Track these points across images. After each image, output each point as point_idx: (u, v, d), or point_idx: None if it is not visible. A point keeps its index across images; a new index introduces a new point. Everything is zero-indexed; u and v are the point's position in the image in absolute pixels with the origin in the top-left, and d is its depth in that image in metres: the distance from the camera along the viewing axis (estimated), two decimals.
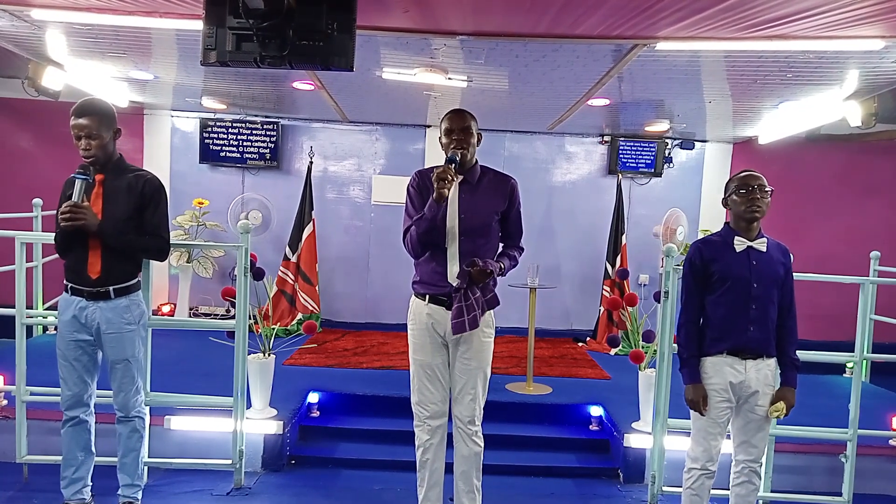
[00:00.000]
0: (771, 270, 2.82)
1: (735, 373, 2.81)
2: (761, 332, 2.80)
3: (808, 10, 2.92)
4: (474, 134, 2.92)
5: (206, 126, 6.88)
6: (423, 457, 3.01)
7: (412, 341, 3.01)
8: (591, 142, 7.19)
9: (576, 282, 7.16)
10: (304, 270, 6.55)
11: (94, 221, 2.85)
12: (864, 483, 3.84)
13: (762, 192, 2.78)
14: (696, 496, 2.90)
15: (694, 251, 2.92)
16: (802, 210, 7.08)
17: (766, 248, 2.83)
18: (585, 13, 3.17)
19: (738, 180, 2.84)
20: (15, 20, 3.78)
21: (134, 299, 3.04)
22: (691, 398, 2.85)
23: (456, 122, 2.89)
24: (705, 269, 2.87)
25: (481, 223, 2.90)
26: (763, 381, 2.82)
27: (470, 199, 2.91)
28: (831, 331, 5.72)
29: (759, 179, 2.80)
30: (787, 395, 2.83)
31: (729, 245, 2.84)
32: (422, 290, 2.96)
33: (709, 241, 2.93)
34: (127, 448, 3.15)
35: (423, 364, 2.97)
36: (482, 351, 2.95)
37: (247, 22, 2.50)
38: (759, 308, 2.79)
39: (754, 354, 2.81)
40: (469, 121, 2.90)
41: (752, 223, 2.82)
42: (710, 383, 2.83)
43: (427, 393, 2.97)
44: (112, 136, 2.95)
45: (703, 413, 2.84)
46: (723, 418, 2.85)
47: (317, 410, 4.58)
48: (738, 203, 2.82)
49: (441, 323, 2.91)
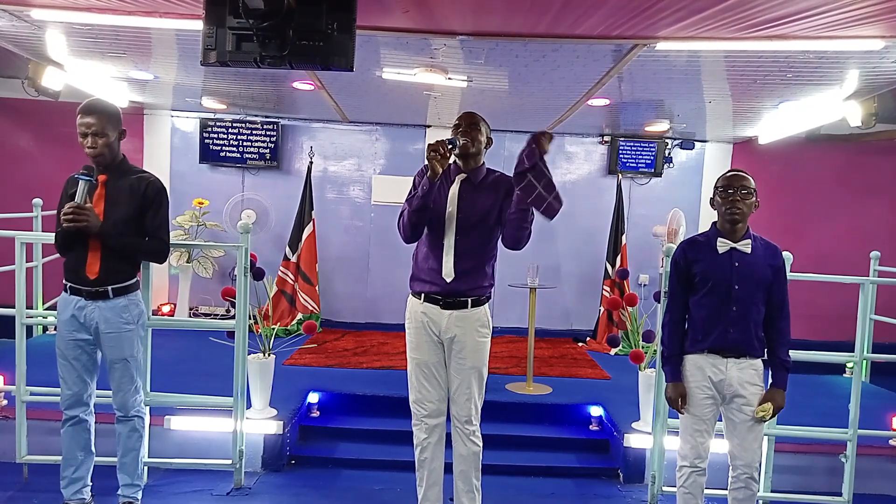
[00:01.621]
0: (755, 272, 2.80)
1: (716, 371, 2.82)
2: (742, 334, 2.80)
3: (808, 10, 2.92)
4: (482, 132, 2.96)
5: (206, 126, 6.88)
6: (422, 455, 3.02)
7: (409, 340, 3.03)
8: (591, 142, 7.19)
9: (576, 282, 7.16)
10: (304, 270, 6.55)
11: (95, 223, 2.86)
12: (864, 483, 3.84)
13: (742, 193, 2.76)
14: (689, 494, 2.91)
15: (679, 252, 2.94)
16: (802, 210, 7.08)
17: (750, 249, 2.81)
18: (585, 13, 3.17)
19: (722, 180, 2.83)
20: (15, 20, 3.77)
21: (132, 299, 3.05)
22: (670, 396, 2.90)
23: (465, 118, 2.97)
24: (688, 270, 2.88)
25: (478, 220, 2.90)
26: (747, 380, 2.81)
27: (469, 198, 2.92)
28: (831, 331, 5.72)
29: (743, 181, 2.78)
30: (776, 396, 2.82)
31: (712, 246, 2.84)
32: (417, 289, 2.97)
33: (694, 242, 2.94)
34: (126, 448, 3.15)
35: (419, 363, 2.98)
36: (477, 350, 2.95)
37: (247, 22, 2.50)
38: (739, 310, 2.79)
39: (735, 353, 2.82)
40: (478, 120, 2.97)
41: (735, 224, 2.81)
42: (692, 380, 2.86)
43: (424, 391, 2.98)
44: (117, 136, 2.96)
45: (681, 411, 2.88)
46: (708, 415, 2.85)
47: (317, 410, 4.58)
48: (720, 204, 2.82)
49: (436, 322, 2.91)
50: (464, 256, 2.88)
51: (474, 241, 2.91)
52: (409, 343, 3.03)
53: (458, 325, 2.90)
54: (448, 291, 2.89)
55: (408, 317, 3.02)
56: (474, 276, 2.91)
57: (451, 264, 2.87)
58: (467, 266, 2.90)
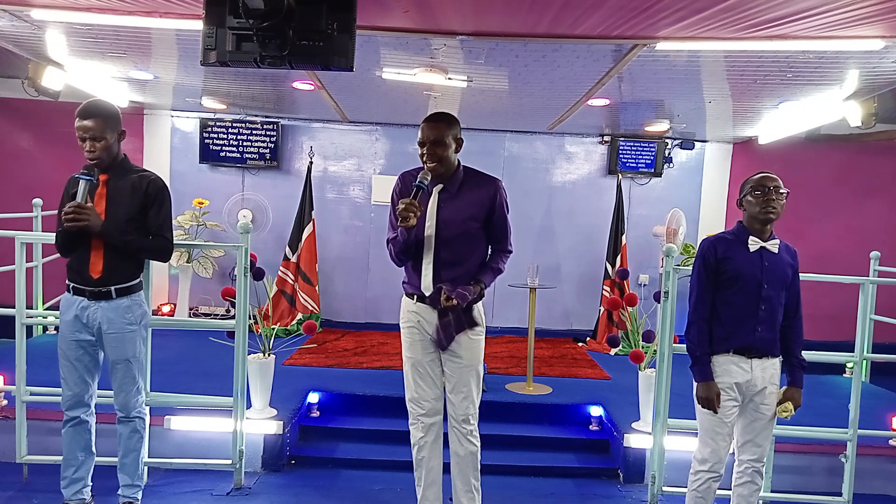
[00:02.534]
0: (781, 272, 2.83)
1: (742, 372, 2.81)
2: (769, 333, 2.81)
3: (808, 10, 2.92)
4: (449, 143, 2.80)
5: (206, 126, 6.88)
6: (419, 455, 3.02)
7: (404, 339, 3.02)
8: (591, 142, 7.18)
9: (576, 282, 7.16)
10: (304, 270, 6.55)
11: (97, 223, 2.86)
12: (864, 483, 3.84)
13: (777, 193, 2.79)
14: (700, 498, 2.88)
15: (708, 247, 2.88)
16: (802, 210, 7.07)
17: (777, 249, 2.84)
18: (585, 13, 3.17)
19: (754, 182, 2.83)
20: (15, 20, 3.77)
21: (136, 299, 3.05)
22: (704, 395, 2.81)
23: (427, 133, 2.79)
24: (718, 266, 2.85)
25: (460, 232, 2.84)
26: (769, 380, 2.83)
27: (448, 208, 2.85)
28: (831, 331, 5.72)
29: (776, 181, 2.81)
30: (795, 395, 2.85)
31: (743, 244, 2.84)
32: (409, 290, 2.97)
33: (722, 238, 2.92)
34: (127, 448, 3.15)
35: (414, 362, 2.98)
36: (472, 349, 2.93)
37: (247, 22, 2.50)
38: (767, 309, 2.80)
39: (760, 354, 2.81)
40: (443, 130, 2.79)
41: (767, 224, 2.83)
42: (718, 382, 2.82)
43: (420, 391, 2.98)
44: (117, 137, 2.96)
45: (717, 410, 2.80)
46: (730, 417, 2.84)
47: (317, 410, 4.58)
48: (753, 204, 2.81)
49: (429, 322, 2.91)
50: (448, 266, 2.84)
51: (459, 249, 2.86)
52: (403, 343, 3.03)
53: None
54: (437, 298, 2.84)
55: (402, 316, 3.02)
56: (462, 282, 2.84)
57: (429, 279, 2.84)
58: (452, 275, 2.84)
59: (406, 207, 2.69)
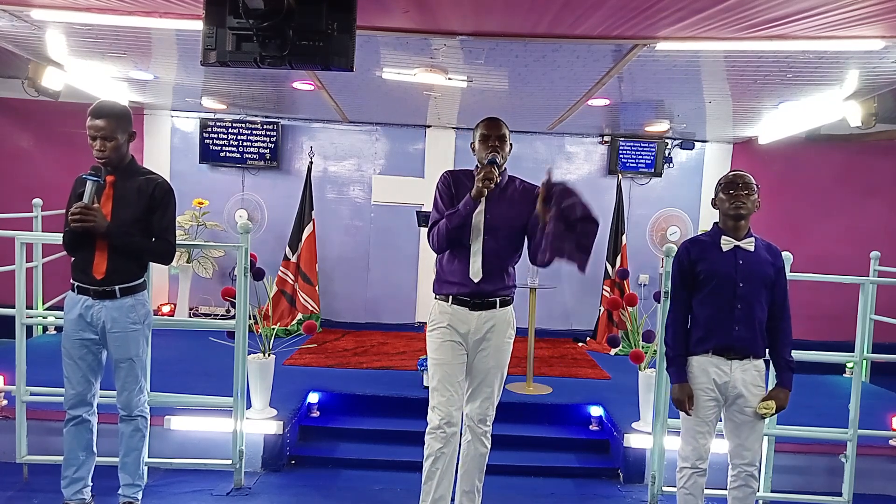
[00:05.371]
0: (758, 270, 2.83)
1: (720, 373, 2.82)
2: (747, 332, 2.81)
3: (808, 10, 2.92)
4: (508, 143, 2.98)
5: (206, 126, 6.89)
6: (433, 466, 2.91)
7: (432, 342, 2.99)
8: (591, 142, 7.19)
9: (576, 282, 7.14)
10: (304, 270, 6.55)
11: (103, 224, 2.87)
12: (864, 483, 3.84)
13: (748, 190, 2.81)
14: (690, 495, 2.91)
15: (682, 250, 2.96)
16: (802, 210, 7.09)
17: (753, 247, 2.84)
18: (585, 13, 3.17)
19: (725, 179, 2.89)
20: (15, 20, 3.78)
21: (139, 299, 3.05)
22: (677, 397, 2.88)
23: (492, 129, 2.96)
24: (692, 269, 2.89)
25: (505, 225, 2.94)
26: (750, 381, 2.82)
27: (496, 202, 2.94)
28: (831, 331, 5.72)
29: (745, 178, 2.84)
30: (780, 395, 2.84)
31: (716, 244, 2.86)
32: (445, 291, 2.97)
33: (697, 241, 2.96)
34: (129, 447, 3.15)
35: (443, 365, 2.94)
36: (502, 351, 2.97)
37: (247, 22, 2.50)
38: (744, 308, 2.81)
39: (740, 354, 2.82)
40: (504, 129, 2.97)
41: (739, 221, 2.84)
42: (697, 382, 2.85)
43: (447, 394, 2.91)
44: (126, 139, 2.98)
45: (689, 412, 2.86)
46: (710, 417, 2.86)
47: (317, 410, 4.58)
48: (724, 201, 2.86)
49: (464, 322, 2.92)
50: (489, 257, 2.90)
51: (501, 243, 2.93)
52: (431, 345, 2.99)
53: (487, 325, 2.92)
54: (476, 292, 2.90)
55: (433, 319, 3.00)
56: (500, 277, 2.94)
57: (478, 264, 2.89)
58: (492, 267, 2.92)
59: (490, 170, 2.75)
